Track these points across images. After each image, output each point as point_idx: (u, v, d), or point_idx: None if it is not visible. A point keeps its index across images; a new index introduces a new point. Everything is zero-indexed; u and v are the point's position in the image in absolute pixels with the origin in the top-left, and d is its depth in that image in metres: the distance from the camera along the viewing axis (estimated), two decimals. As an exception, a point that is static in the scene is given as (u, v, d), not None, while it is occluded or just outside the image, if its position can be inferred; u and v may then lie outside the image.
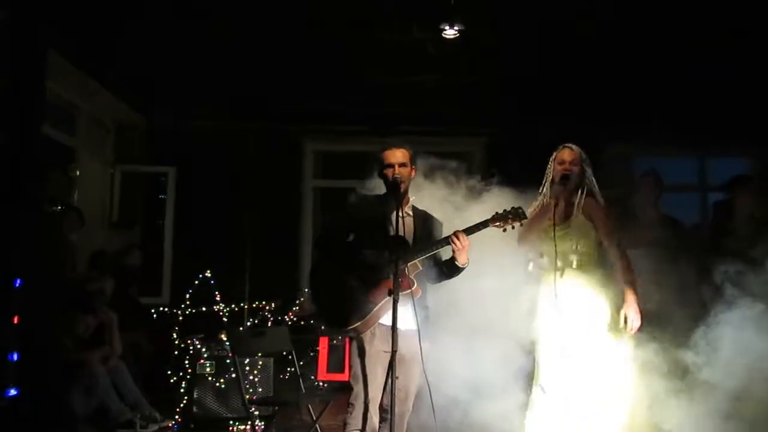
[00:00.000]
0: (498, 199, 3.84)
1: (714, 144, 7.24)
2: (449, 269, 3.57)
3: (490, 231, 3.53)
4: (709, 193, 7.51)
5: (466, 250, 3.48)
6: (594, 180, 4.00)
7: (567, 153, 3.97)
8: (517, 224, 3.50)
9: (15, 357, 4.00)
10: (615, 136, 6.89)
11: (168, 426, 5.40)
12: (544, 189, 4.00)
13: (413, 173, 3.70)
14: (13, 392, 3.95)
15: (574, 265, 3.85)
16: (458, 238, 3.47)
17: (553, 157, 4.03)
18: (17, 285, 3.99)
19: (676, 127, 6.76)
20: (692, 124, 6.78)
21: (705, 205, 7.47)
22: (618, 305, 3.81)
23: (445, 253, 3.61)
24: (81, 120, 6.85)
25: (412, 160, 3.69)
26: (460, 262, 3.50)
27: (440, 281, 3.64)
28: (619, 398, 3.74)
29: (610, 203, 4.08)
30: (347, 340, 5.82)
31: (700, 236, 5.62)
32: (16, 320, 3.99)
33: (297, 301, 6.86)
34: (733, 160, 7.42)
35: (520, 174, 3.98)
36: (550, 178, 4.01)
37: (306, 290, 6.76)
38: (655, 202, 5.19)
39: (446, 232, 3.59)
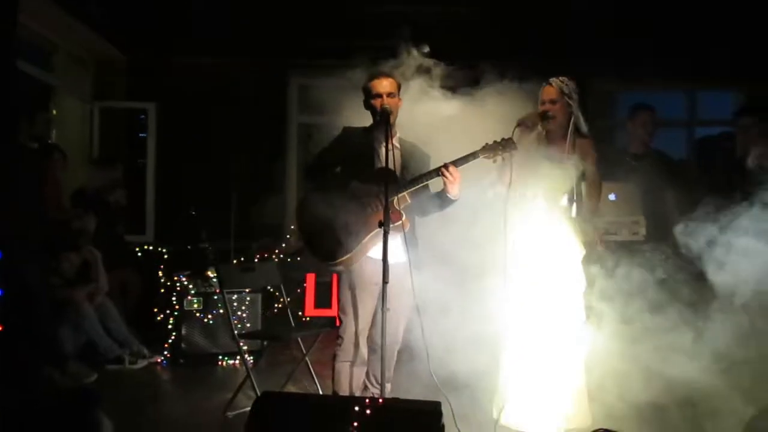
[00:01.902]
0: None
1: (702, 78, 7.17)
2: (441, 201, 3.54)
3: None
4: (696, 128, 7.47)
5: (457, 182, 3.44)
6: (580, 114, 3.90)
7: (545, 91, 3.83)
8: (507, 155, 3.45)
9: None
10: (599, 72, 6.81)
11: (157, 362, 5.43)
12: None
13: (400, 104, 3.62)
14: (-1, 327, 3.92)
15: (553, 200, 3.80)
16: (448, 170, 3.43)
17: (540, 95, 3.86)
18: (-3, 220, 3.91)
19: (663, 60, 6.67)
20: (679, 58, 6.69)
21: (692, 140, 7.45)
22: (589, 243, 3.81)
23: (434, 186, 3.57)
24: (58, 57, 6.65)
25: (399, 90, 3.61)
26: (451, 194, 3.47)
27: (431, 213, 3.61)
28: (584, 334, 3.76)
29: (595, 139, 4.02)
30: (334, 276, 5.82)
31: (689, 172, 5.62)
32: (-1, 256, 3.92)
33: (285, 237, 6.87)
34: (722, 94, 7.40)
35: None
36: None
37: (292, 227, 6.75)
38: (649, 137, 5.16)
39: (435, 162, 3.55)
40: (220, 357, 5.52)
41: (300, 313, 6.37)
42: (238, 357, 5.42)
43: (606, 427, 3.24)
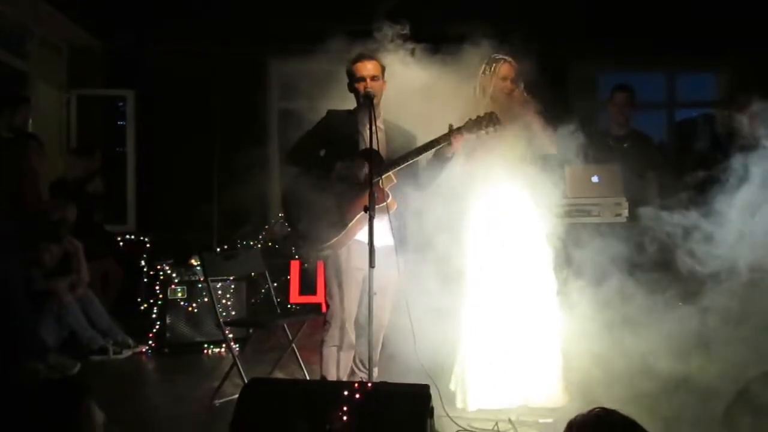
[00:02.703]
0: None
1: (682, 61, 7.21)
2: (441, 163, 3.51)
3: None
4: (676, 111, 7.52)
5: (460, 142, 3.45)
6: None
7: (508, 68, 3.79)
8: (491, 129, 3.43)
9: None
10: (580, 53, 6.82)
11: (141, 351, 5.39)
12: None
13: (384, 86, 3.60)
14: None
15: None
16: (460, 134, 3.42)
17: (491, 69, 3.79)
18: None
19: (643, 43, 6.69)
20: (659, 40, 6.71)
21: (672, 122, 7.49)
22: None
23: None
24: (33, 43, 6.52)
25: (383, 73, 3.59)
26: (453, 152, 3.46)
27: (432, 182, 3.58)
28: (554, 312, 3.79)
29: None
30: (319, 262, 5.80)
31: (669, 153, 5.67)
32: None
33: (266, 226, 6.82)
34: (702, 77, 7.45)
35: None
36: (489, 91, 3.79)
37: (280, 215, 6.71)
38: (627, 118, 5.18)
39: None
40: (206, 345, 5.49)
41: (282, 301, 6.36)
42: (224, 345, 5.39)
43: (586, 403, 3.25)
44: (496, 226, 3.74)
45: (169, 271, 5.56)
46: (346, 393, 2.47)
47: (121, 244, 6.54)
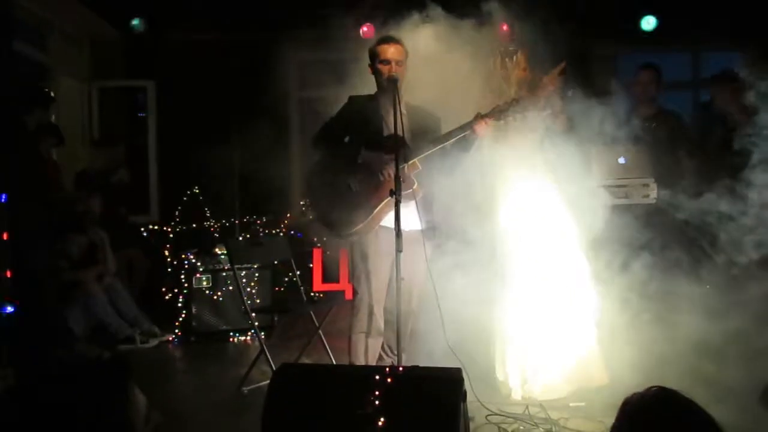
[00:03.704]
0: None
1: (706, 39, 7.07)
2: (465, 146, 3.49)
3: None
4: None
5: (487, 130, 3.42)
6: None
7: (523, 58, 3.86)
8: (519, 116, 3.40)
9: (8, 274, 3.91)
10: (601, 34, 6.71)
11: (168, 340, 5.42)
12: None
13: (406, 72, 3.56)
14: (9, 309, 3.89)
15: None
16: (485, 121, 3.40)
17: (512, 59, 3.86)
18: (3, 200, 3.86)
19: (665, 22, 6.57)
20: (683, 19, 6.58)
21: (697, 102, 7.37)
22: None
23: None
24: (53, 36, 6.54)
25: (407, 58, 3.55)
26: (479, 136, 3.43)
27: (456, 167, 3.55)
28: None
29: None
30: (342, 251, 5.79)
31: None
32: (5, 237, 3.88)
33: (288, 214, 6.82)
34: (728, 54, 7.28)
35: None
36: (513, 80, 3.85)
37: (302, 203, 6.70)
38: (654, 98, 5.10)
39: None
40: (231, 334, 5.51)
41: (305, 289, 6.36)
42: (249, 333, 5.42)
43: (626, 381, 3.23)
44: (527, 211, 3.71)
45: (193, 260, 5.58)
46: (377, 377, 2.45)
47: (144, 234, 6.58)
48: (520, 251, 3.72)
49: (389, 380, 2.44)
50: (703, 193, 3.93)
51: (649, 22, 6.48)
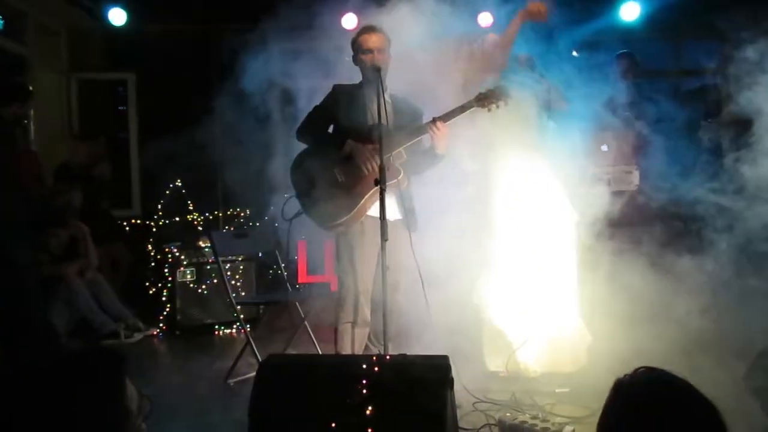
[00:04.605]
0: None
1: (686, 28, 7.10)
2: (431, 158, 3.49)
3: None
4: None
5: (444, 138, 3.39)
6: None
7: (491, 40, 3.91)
8: (502, 103, 3.39)
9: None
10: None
11: (153, 334, 5.39)
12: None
13: (390, 59, 3.55)
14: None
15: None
16: (436, 126, 3.37)
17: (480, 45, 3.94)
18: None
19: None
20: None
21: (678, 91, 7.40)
22: None
23: (427, 142, 3.51)
24: (30, 27, 6.44)
25: (389, 46, 3.54)
26: (439, 150, 3.41)
27: (422, 171, 3.56)
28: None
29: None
30: (327, 242, 5.77)
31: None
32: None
33: (271, 207, 6.78)
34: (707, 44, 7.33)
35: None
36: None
37: (286, 195, 6.66)
38: (633, 85, 5.14)
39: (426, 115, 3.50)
40: (217, 327, 5.49)
41: (290, 281, 6.34)
42: (235, 326, 5.40)
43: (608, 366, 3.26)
44: (516, 196, 3.74)
45: (177, 254, 5.55)
46: (365, 366, 2.45)
47: (127, 228, 6.53)
48: (509, 234, 3.74)
49: (376, 369, 2.44)
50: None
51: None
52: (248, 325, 4.93)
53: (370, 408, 2.33)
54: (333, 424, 2.33)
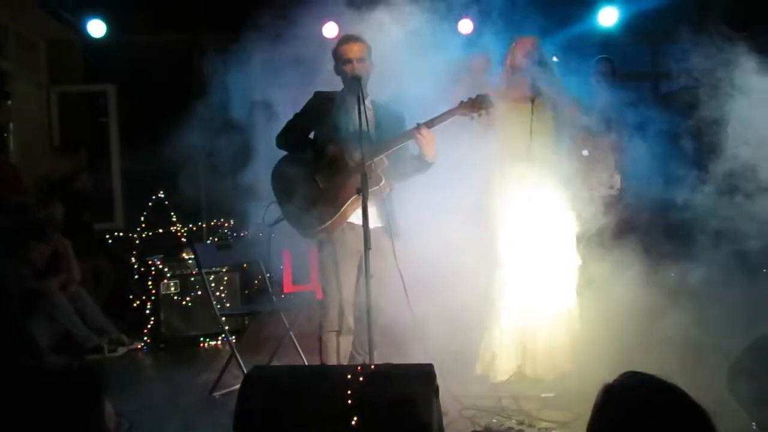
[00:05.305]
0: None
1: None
2: (418, 164, 3.48)
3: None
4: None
5: (431, 144, 3.39)
6: None
7: (530, 42, 3.93)
8: (484, 112, 3.40)
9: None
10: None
11: (137, 348, 5.35)
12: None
13: (371, 67, 3.55)
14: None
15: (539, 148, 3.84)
16: (421, 132, 3.37)
17: (513, 46, 3.98)
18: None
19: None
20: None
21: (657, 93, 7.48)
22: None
23: (413, 148, 3.51)
24: (8, 40, 6.39)
25: (370, 54, 3.54)
26: (428, 157, 3.41)
27: (410, 178, 3.56)
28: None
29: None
30: (312, 251, 5.75)
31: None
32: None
33: (255, 217, 6.76)
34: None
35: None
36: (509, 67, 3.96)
37: (269, 204, 6.64)
38: (610, 87, 5.18)
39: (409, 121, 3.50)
40: (201, 339, 5.46)
41: (278, 290, 6.31)
42: (220, 338, 5.37)
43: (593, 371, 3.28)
44: (518, 205, 3.77)
45: (160, 266, 5.51)
46: (350, 376, 2.44)
47: (110, 241, 6.47)
48: (508, 242, 3.77)
49: (361, 379, 2.44)
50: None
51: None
52: (233, 337, 4.90)
53: (355, 418, 2.32)
54: (318, 436, 2.33)
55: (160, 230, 6.37)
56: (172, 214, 6.44)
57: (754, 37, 3.58)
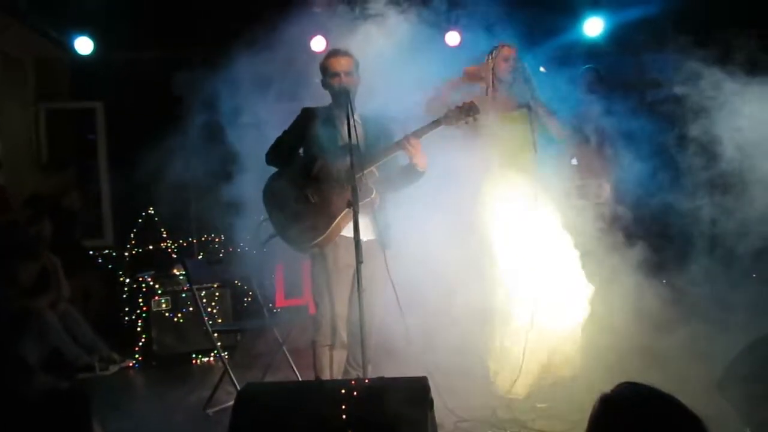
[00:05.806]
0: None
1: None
2: (410, 175, 3.48)
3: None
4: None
5: (420, 153, 3.39)
6: None
7: (509, 50, 3.98)
8: (471, 120, 3.42)
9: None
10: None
11: (129, 366, 5.30)
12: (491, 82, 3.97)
13: (359, 80, 3.56)
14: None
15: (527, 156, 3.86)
16: (410, 142, 3.38)
17: (495, 54, 4.01)
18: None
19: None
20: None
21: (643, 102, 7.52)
22: None
23: (404, 159, 3.51)
24: (-6, 58, 6.39)
25: (357, 68, 3.55)
26: (418, 167, 3.41)
27: (403, 188, 3.55)
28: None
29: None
30: (304, 265, 5.74)
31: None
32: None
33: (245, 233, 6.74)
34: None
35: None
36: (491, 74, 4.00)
37: (262, 219, 6.63)
38: (597, 97, 5.22)
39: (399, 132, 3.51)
40: (194, 355, 5.42)
41: (270, 305, 6.29)
42: (212, 354, 5.33)
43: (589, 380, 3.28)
44: (510, 213, 3.78)
45: (151, 283, 5.48)
46: (343, 391, 2.43)
47: (99, 259, 6.43)
48: (498, 247, 3.77)
49: (354, 393, 2.43)
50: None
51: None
52: (226, 353, 4.87)
53: (349, 433, 2.31)
54: (312, 452, 2.32)
55: (150, 246, 6.34)
56: (162, 230, 6.41)
57: (730, 42, 3.62)
